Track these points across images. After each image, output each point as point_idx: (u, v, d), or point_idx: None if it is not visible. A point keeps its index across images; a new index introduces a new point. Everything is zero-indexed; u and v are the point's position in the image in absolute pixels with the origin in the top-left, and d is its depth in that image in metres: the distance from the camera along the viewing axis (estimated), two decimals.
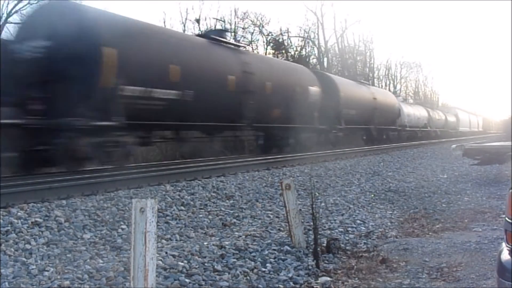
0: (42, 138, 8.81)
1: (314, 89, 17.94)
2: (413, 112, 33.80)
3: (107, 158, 9.74)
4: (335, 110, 19.26)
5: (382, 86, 54.11)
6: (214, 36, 14.08)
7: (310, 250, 5.19)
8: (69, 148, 8.80)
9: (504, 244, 2.91)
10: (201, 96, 11.76)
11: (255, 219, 6.87)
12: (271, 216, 7.06)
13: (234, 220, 6.78)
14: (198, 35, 14.33)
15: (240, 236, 5.72)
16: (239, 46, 16.07)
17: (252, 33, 36.32)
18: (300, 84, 17.10)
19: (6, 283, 3.99)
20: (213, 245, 5.17)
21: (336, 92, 19.80)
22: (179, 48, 11.79)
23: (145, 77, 10.23)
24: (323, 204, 7.59)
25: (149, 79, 10.35)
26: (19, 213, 5.60)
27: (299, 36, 41.26)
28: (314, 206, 5.19)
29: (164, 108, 10.82)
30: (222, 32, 15.74)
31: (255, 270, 4.63)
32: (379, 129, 25.19)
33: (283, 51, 37.76)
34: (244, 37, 35.84)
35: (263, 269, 4.67)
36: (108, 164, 9.89)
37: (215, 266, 4.57)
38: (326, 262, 5.05)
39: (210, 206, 7.34)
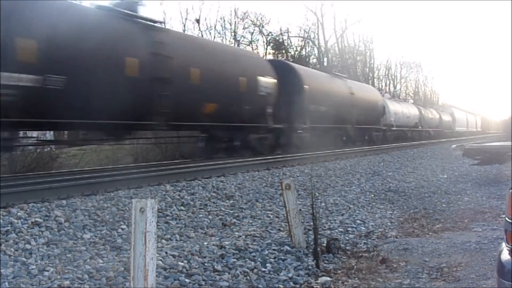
0: None
1: (267, 80, 14.78)
2: (401, 110, 30.52)
3: None
4: (298, 106, 16.24)
5: (382, 86, 54.15)
6: (114, 8, 10.68)
7: (310, 250, 5.19)
8: None
9: (504, 244, 2.91)
10: (78, 84, 8.79)
11: (255, 219, 6.87)
12: (271, 216, 7.06)
13: (234, 220, 6.78)
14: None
15: (240, 236, 5.72)
16: (153, 21, 11.85)
17: (252, 33, 36.41)
18: (246, 73, 13.93)
19: (6, 283, 3.99)
20: (213, 245, 5.18)
21: (299, 85, 16.69)
22: (35, 17, 8.44)
23: None
24: (323, 204, 7.59)
25: None
26: (19, 213, 5.60)
27: (299, 36, 41.36)
28: (314, 206, 5.20)
29: (14, 99, 7.95)
30: (131, 3, 11.33)
31: (255, 270, 4.63)
32: (358, 129, 21.81)
33: (283, 51, 37.82)
34: (244, 37, 35.94)
35: (263, 269, 4.68)
36: None
37: (215, 266, 4.58)
38: (326, 262, 5.05)
39: (210, 206, 7.34)
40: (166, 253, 4.79)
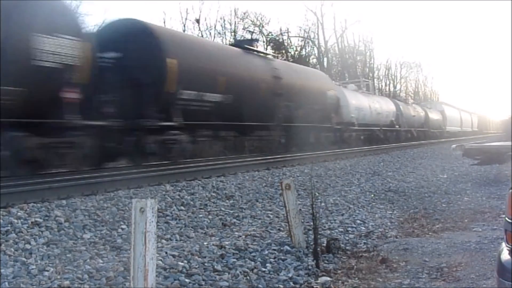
0: None
1: (59, 42, 8.53)
2: (367, 104, 24.14)
3: None
4: (152, 91, 10.34)
5: (382, 86, 54.17)
6: None
7: (310, 250, 5.19)
8: None
9: (504, 244, 2.91)
10: None
11: (255, 219, 6.87)
12: (271, 216, 7.06)
13: (234, 220, 6.78)
14: None
15: (240, 236, 5.72)
16: None
17: (252, 33, 36.45)
18: None
19: (6, 283, 3.99)
20: (213, 245, 5.18)
21: (157, 57, 10.69)
22: None
23: None
24: (323, 204, 7.59)
25: None
26: (19, 213, 5.61)
27: (299, 36, 41.41)
28: (314, 206, 5.20)
29: None
30: None
31: (255, 270, 4.63)
32: (291, 129, 16.04)
33: (283, 51, 37.85)
34: (244, 37, 35.98)
35: (263, 269, 4.68)
36: None
37: (215, 266, 4.58)
38: (326, 262, 5.05)
39: (210, 206, 7.34)
40: (166, 253, 4.79)
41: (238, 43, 16.59)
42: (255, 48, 16.00)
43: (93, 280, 4.11)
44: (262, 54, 16.43)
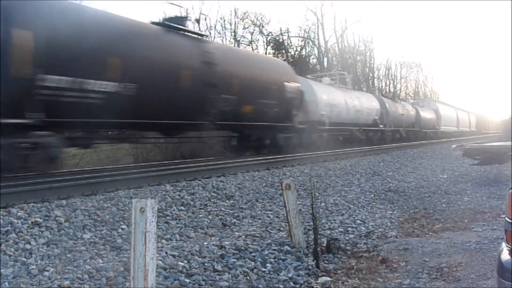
0: None
1: None
2: (343, 100, 20.67)
3: None
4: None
5: (382, 86, 54.13)
6: None
7: (310, 250, 5.20)
8: None
9: (504, 244, 2.91)
10: None
11: (255, 219, 6.87)
12: (271, 216, 7.06)
13: (234, 220, 6.78)
14: None
15: (240, 236, 5.72)
16: None
17: (252, 33, 36.45)
18: None
19: (6, 283, 3.99)
20: (213, 245, 5.18)
21: None
22: None
23: None
24: (323, 204, 7.59)
25: None
26: (19, 213, 5.60)
27: (299, 36, 41.38)
28: (314, 206, 5.20)
29: None
30: None
31: (255, 270, 4.63)
32: (237, 128, 13.69)
33: (283, 51, 37.84)
34: (244, 37, 35.97)
35: (263, 269, 4.68)
36: None
37: (215, 266, 4.58)
38: (326, 262, 5.05)
39: (210, 206, 7.34)
40: (166, 253, 4.80)
41: (161, 21, 12.46)
42: (182, 27, 12.28)
43: (93, 280, 4.11)
44: (191, 34, 12.66)
